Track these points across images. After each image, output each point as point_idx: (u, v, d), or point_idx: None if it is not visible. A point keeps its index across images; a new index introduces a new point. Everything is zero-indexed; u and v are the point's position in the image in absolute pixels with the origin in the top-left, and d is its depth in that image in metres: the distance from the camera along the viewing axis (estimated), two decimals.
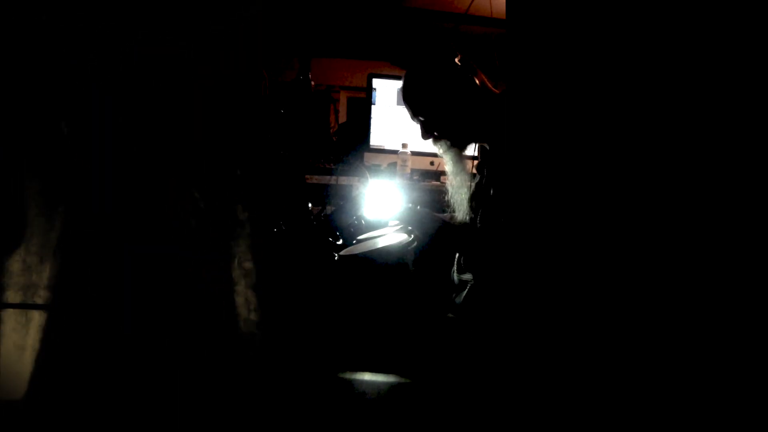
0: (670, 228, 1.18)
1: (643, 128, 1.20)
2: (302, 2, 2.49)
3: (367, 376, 1.43)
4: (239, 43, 1.30)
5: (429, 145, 1.71)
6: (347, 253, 1.67)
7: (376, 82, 2.55)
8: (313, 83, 2.40)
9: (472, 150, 1.69)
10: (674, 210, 1.18)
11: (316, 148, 2.48)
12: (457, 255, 1.71)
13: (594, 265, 1.26)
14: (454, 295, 1.70)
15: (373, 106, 2.56)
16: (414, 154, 2.49)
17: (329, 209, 1.99)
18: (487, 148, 1.67)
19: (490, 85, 1.64)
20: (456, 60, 1.60)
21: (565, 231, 1.28)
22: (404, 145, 2.48)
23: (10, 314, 1.21)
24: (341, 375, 1.42)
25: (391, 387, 1.41)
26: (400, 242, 1.59)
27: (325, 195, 2.18)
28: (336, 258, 1.69)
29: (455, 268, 1.71)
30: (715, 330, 1.14)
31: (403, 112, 1.69)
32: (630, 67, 1.20)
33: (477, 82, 1.60)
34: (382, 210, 1.84)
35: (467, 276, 1.65)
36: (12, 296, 1.22)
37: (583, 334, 1.26)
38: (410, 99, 1.63)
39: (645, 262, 1.20)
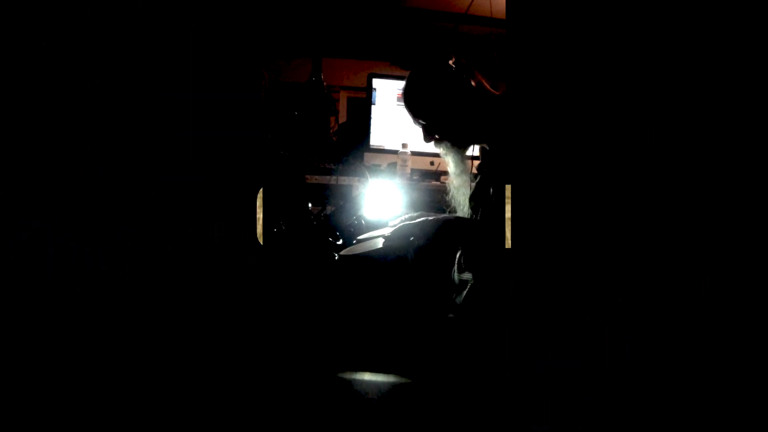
0: (668, 225, 1.19)
1: (643, 129, 1.20)
2: (304, 3, 2.49)
3: (367, 376, 1.43)
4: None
5: (429, 145, 1.71)
6: (347, 253, 1.67)
7: (376, 82, 2.55)
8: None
9: (473, 150, 1.69)
10: (673, 207, 1.18)
11: (316, 148, 2.48)
12: (457, 255, 1.71)
13: (592, 265, 1.26)
14: (454, 295, 1.69)
15: (373, 106, 2.56)
16: (414, 154, 2.49)
17: (329, 209, 1.99)
18: (488, 148, 1.67)
19: (487, 85, 1.64)
20: (450, 62, 1.60)
21: (564, 231, 1.28)
22: (404, 145, 2.48)
23: None
24: (341, 375, 1.42)
25: (391, 387, 1.41)
26: (400, 242, 1.60)
27: (325, 195, 2.18)
28: (336, 258, 1.69)
29: (455, 267, 1.71)
30: (724, 348, 1.14)
31: (403, 112, 1.70)
32: (630, 68, 1.20)
33: (473, 83, 1.60)
34: (382, 211, 1.84)
35: (467, 276, 1.65)
36: None
37: (581, 334, 1.26)
38: (410, 103, 1.64)
39: (643, 260, 1.20)
